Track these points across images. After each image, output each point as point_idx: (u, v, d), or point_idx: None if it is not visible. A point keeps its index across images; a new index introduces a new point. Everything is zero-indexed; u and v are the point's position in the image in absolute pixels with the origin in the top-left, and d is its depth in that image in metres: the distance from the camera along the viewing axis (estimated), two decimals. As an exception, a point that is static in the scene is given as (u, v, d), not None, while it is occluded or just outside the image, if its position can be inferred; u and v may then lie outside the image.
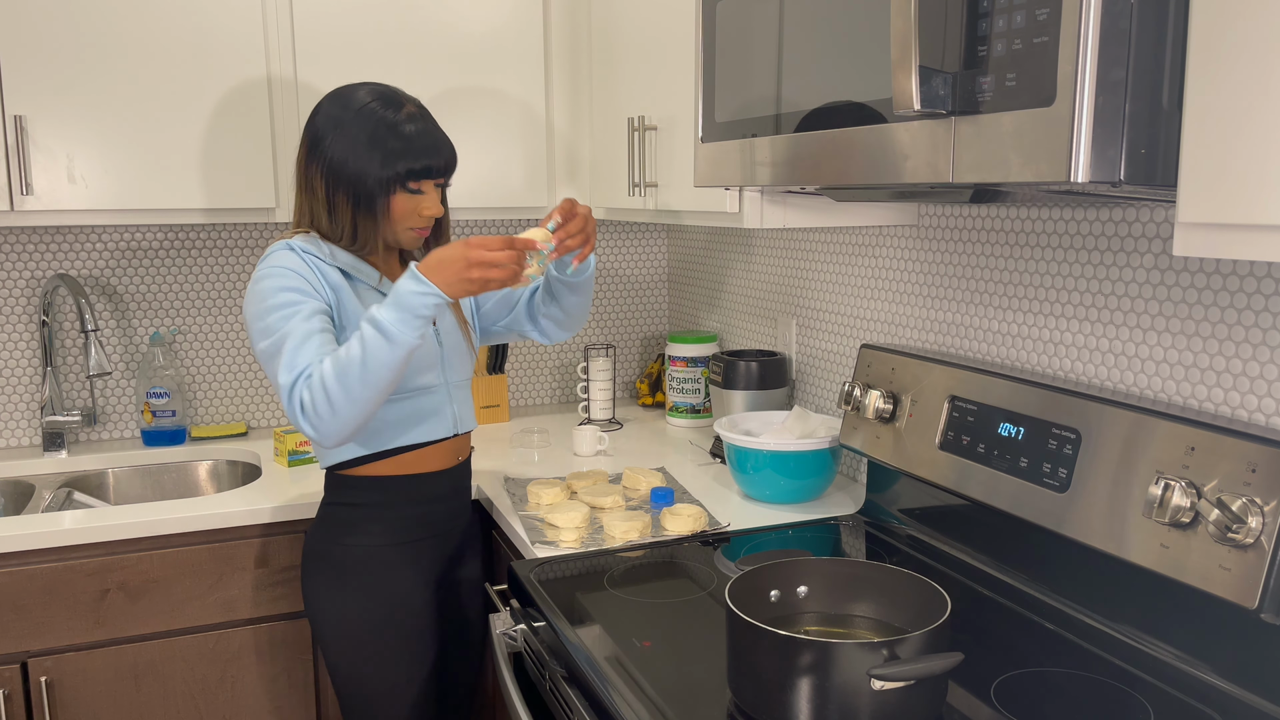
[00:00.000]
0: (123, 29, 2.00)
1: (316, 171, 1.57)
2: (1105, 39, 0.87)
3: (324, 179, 1.57)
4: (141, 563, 1.85)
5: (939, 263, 1.76)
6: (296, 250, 1.55)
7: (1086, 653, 1.27)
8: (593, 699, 1.21)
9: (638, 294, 2.85)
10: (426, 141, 1.56)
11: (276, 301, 1.49)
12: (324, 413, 1.42)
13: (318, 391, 1.42)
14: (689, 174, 1.85)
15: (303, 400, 1.43)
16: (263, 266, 1.53)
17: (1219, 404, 1.27)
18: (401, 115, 1.56)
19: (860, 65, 1.15)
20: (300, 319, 1.48)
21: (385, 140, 1.54)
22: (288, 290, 1.50)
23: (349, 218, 1.57)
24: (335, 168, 1.55)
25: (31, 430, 2.36)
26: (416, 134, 1.56)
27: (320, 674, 2.02)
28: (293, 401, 1.44)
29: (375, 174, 1.54)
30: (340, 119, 1.56)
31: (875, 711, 1.04)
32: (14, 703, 1.80)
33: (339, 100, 1.59)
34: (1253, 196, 0.82)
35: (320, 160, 1.56)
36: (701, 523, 1.71)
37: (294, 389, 1.44)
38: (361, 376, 1.41)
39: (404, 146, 1.54)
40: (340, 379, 1.41)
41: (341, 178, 1.55)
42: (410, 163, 1.55)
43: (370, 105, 1.56)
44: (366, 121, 1.54)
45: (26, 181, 1.97)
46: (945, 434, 1.54)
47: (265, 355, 1.49)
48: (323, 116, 1.58)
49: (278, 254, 1.55)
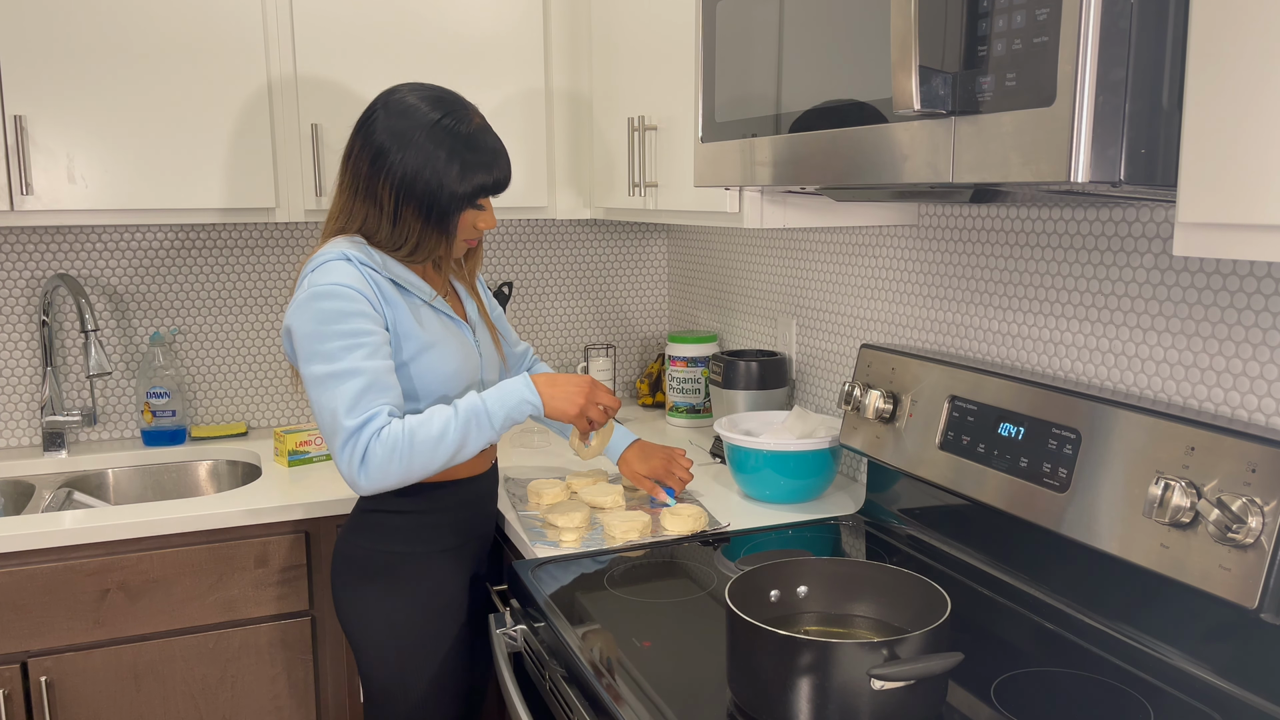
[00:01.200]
0: (123, 29, 2.00)
1: (384, 184, 1.53)
2: (1105, 39, 0.87)
3: (393, 192, 1.53)
4: (141, 563, 1.85)
5: (939, 263, 1.76)
6: (354, 263, 1.50)
7: (1086, 653, 1.27)
8: (593, 699, 1.21)
9: (638, 294, 2.85)
10: (498, 158, 1.58)
11: (342, 329, 1.45)
12: (384, 471, 1.44)
13: (388, 450, 1.43)
14: (689, 174, 1.85)
15: (368, 451, 1.43)
16: (322, 281, 1.47)
17: (1219, 404, 1.27)
18: (474, 129, 1.56)
19: (860, 65, 1.15)
20: (365, 354, 1.46)
21: (462, 156, 1.53)
22: (355, 317, 1.46)
23: (416, 230, 1.55)
24: (408, 181, 1.52)
25: (31, 430, 2.36)
26: (490, 150, 1.56)
27: (321, 674, 2.02)
28: (353, 448, 1.43)
29: (451, 189, 1.53)
30: (408, 132, 1.52)
31: (875, 711, 1.04)
32: (14, 703, 1.80)
33: (402, 109, 1.54)
34: (1253, 196, 0.82)
35: (387, 172, 1.52)
36: (701, 523, 1.71)
37: (359, 435, 1.43)
38: (438, 452, 1.46)
39: (479, 162, 1.55)
40: (417, 448, 1.45)
41: (414, 192, 1.52)
42: (484, 179, 1.56)
43: (443, 121, 1.53)
44: (442, 137, 1.52)
45: (26, 181, 1.97)
46: (945, 434, 1.54)
47: (319, 381, 1.45)
48: (387, 126, 1.53)
49: (336, 268, 1.49)
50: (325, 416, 1.45)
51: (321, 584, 1.99)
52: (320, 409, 1.46)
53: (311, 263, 1.53)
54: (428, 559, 1.63)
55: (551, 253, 2.75)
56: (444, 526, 1.64)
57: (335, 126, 2.16)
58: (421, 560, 1.63)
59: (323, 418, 1.46)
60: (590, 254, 2.79)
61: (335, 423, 1.44)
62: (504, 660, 1.46)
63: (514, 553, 1.81)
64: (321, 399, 1.45)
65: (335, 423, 1.44)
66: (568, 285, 2.78)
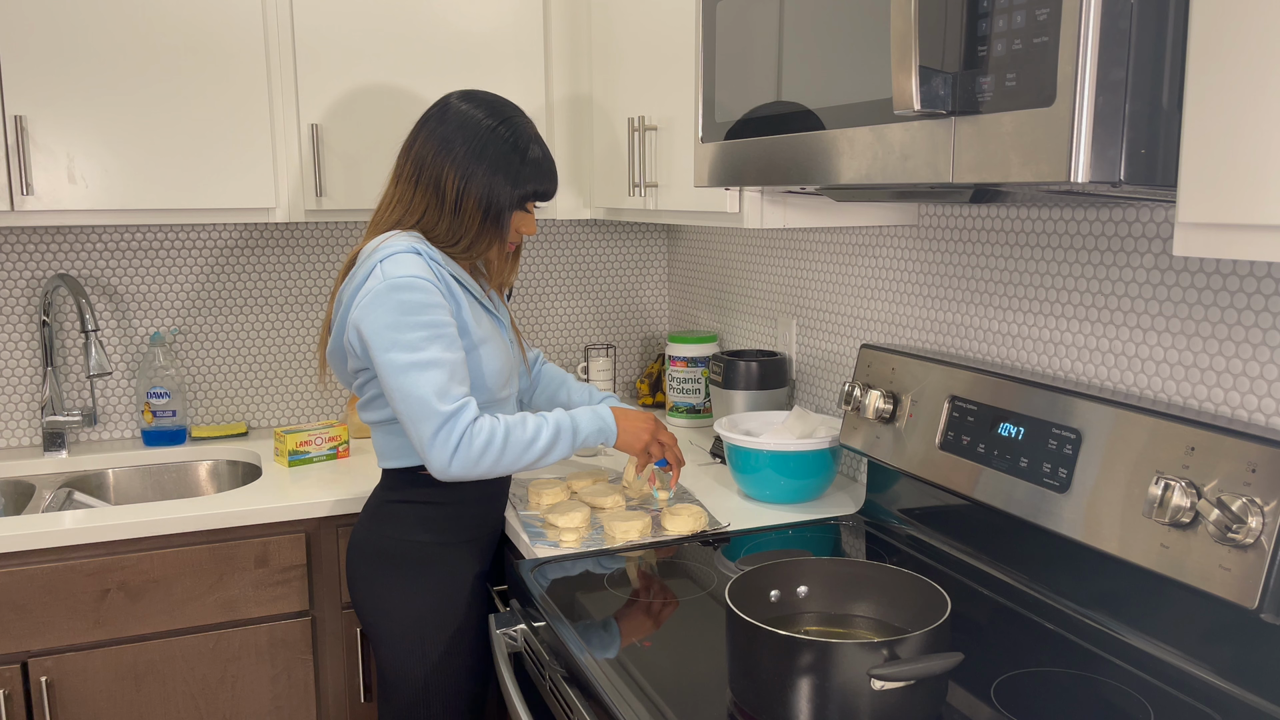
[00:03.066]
0: (123, 29, 2.00)
1: (448, 173, 1.60)
2: (1105, 39, 0.87)
3: (458, 181, 1.59)
4: (141, 563, 1.85)
5: (939, 263, 1.76)
6: (424, 257, 1.56)
7: (1086, 653, 1.27)
8: (593, 699, 1.21)
9: (638, 294, 2.85)
10: (551, 167, 1.67)
11: (423, 320, 1.50)
12: (475, 461, 1.51)
13: (484, 442, 1.50)
14: (689, 174, 1.85)
15: (463, 438, 1.49)
16: (398, 273, 1.52)
17: (1219, 404, 1.27)
18: (532, 137, 1.64)
19: (860, 65, 1.15)
20: (445, 345, 1.51)
21: (523, 157, 1.61)
22: (433, 308, 1.52)
23: (475, 225, 1.61)
24: (473, 172, 1.59)
25: (32, 430, 2.36)
26: (544, 158, 1.66)
27: (321, 674, 2.02)
28: (448, 434, 1.49)
29: (509, 188, 1.61)
30: (475, 129, 1.60)
31: (875, 711, 1.04)
32: (14, 703, 1.80)
33: (466, 109, 1.62)
34: (1253, 196, 0.82)
35: (454, 161, 1.59)
36: (702, 522, 1.71)
37: (454, 421, 1.49)
38: (525, 455, 1.56)
39: (536, 166, 1.64)
40: (510, 447, 1.53)
41: (477, 182, 1.59)
42: (538, 184, 1.64)
43: (508, 123, 1.62)
44: (506, 137, 1.61)
45: (26, 181, 1.97)
46: (945, 434, 1.54)
47: (402, 369, 1.49)
48: (454, 120, 1.61)
49: (410, 261, 1.54)
50: (413, 403, 1.49)
51: (322, 584, 1.99)
52: (406, 395, 1.49)
53: (379, 253, 1.56)
54: (446, 549, 1.66)
55: (551, 253, 2.75)
56: (464, 518, 1.68)
57: (335, 126, 2.16)
58: (441, 549, 1.66)
59: (409, 404, 1.49)
60: (590, 254, 2.79)
61: (428, 408, 1.48)
62: (504, 660, 1.46)
63: (514, 553, 1.81)
64: (408, 387, 1.49)
65: (428, 408, 1.48)
66: (568, 285, 2.78)
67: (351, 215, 2.24)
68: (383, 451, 1.67)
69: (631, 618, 1.38)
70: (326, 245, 2.53)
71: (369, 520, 1.68)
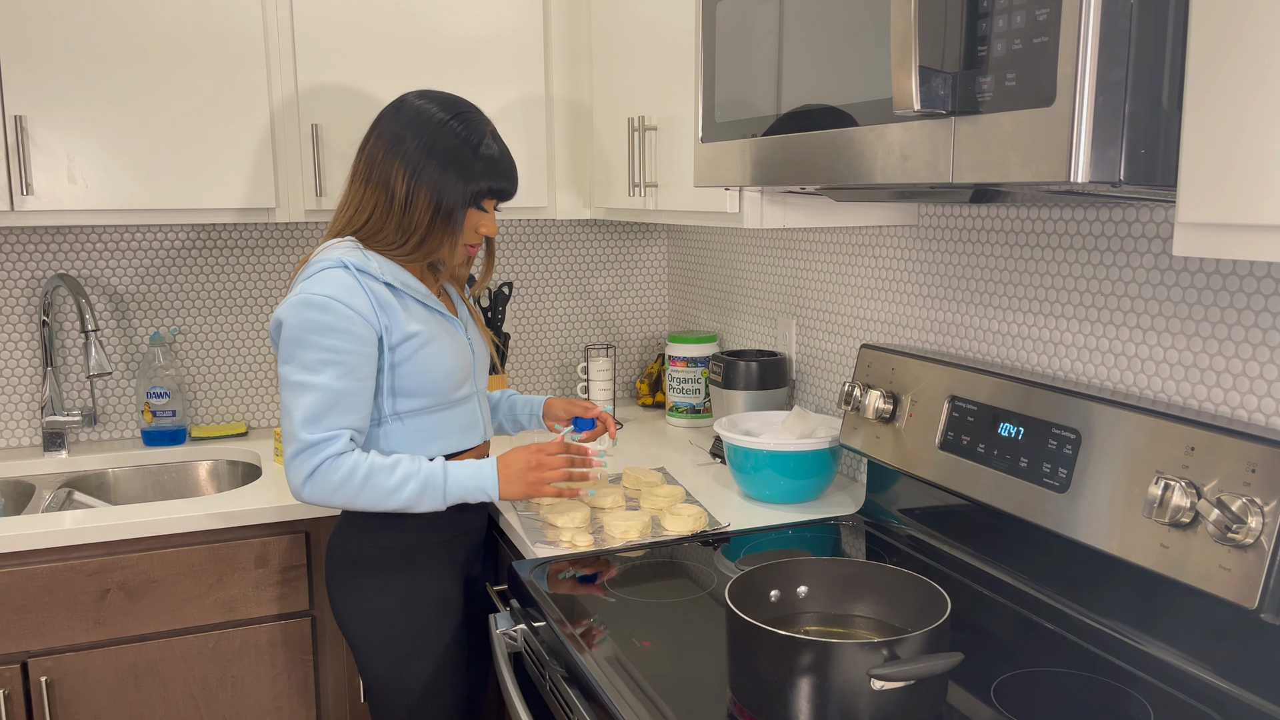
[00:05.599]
0: (123, 29, 2.00)
1: (397, 168, 1.57)
2: (1105, 39, 0.87)
3: (406, 177, 1.57)
4: (141, 563, 1.85)
5: (939, 263, 1.76)
6: (351, 271, 1.53)
7: (1086, 653, 1.27)
8: (593, 699, 1.21)
9: (638, 294, 2.85)
10: (508, 165, 1.63)
11: (324, 343, 1.49)
12: (327, 495, 1.51)
13: (341, 478, 1.50)
14: (689, 174, 1.85)
15: (319, 469, 1.50)
16: (315, 290, 1.50)
17: (1219, 404, 1.27)
18: (487, 133, 1.61)
19: (860, 65, 1.15)
20: (340, 373, 1.50)
21: (475, 152, 1.58)
22: (338, 333, 1.50)
23: (425, 223, 1.58)
24: (421, 167, 1.56)
25: (32, 430, 2.36)
26: (500, 155, 1.62)
27: (321, 674, 2.02)
28: (304, 461, 1.49)
29: (461, 184, 1.58)
30: (426, 124, 1.57)
31: (875, 711, 1.04)
32: (14, 703, 1.80)
33: (419, 106, 1.60)
34: (1253, 196, 0.82)
35: (403, 156, 1.57)
36: (701, 523, 1.71)
37: (313, 451, 1.49)
38: (385, 502, 1.53)
39: (490, 162, 1.60)
40: (367, 489, 1.51)
41: (424, 180, 1.56)
42: (492, 181, 1.61)
43: (460, 118, 1.59)
44: (457, 132, 1.58)
45: (26, 181, 1.97)
46: (945, 434, 1.54)
47: (289, 385, 1.51)
48: (405, 118, 1.59)
49: (332, 278, 1.52)
50: (286, 420, 1.52)
51: (321, 584, 1.99)
52: (285, 411, 1.52)
53: (309, 267, 1.56)
54: (418, 552, 1.64)
55: (551, 253, 2.75)
56: (434, 519, 1.65)
57: (335, 126, 2.16)
58: (412, 553, 1.64)
59: (284, 420, 1.52)
60: (590, 254, 2.79)
61: (294, 431, 1.50)
62: (504, 660, 1.46)
63: (514, 553, 1.81)
64: (288, 403, 1.52)
65: (294, 431, 1.50)
66: (568, 285, 2.78)
67: (351, 215, 2.23)
68: None
69: (631, 618, 1.38)
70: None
71: (338, 529, 1.68)
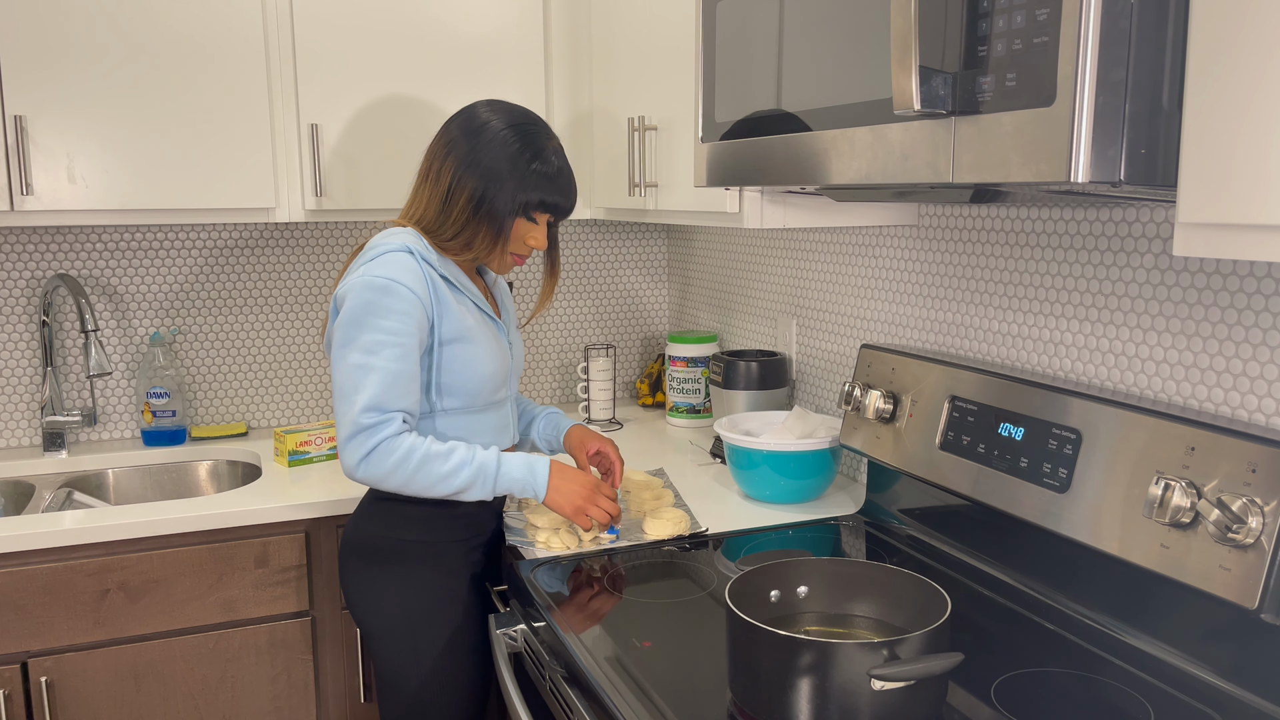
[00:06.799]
0: (123, 29, 2.00)
1: (447, 165, 1.59)
2: (1105, 39, 0.87)
3: (454, 174, 1.58)
4: (141, 563, 1.85)
5: (939, 263, 1.76)
6: (415, 256, 1.56)
7: (1086, 653, 1.27)
8: (593, 699, 1.21)
9: (638, 294, 2.85)
10: (564, 181, 1.63)
11: (385, 324, 1.50)
12: (382, 476, 1.51)
13: (397, 460, 1.50)
14: (689, 174, 1.85)
15: (375, 450, 1.50)
16: (379, 273, 1.52)
17: (1219, 404, 1.27)
18: (547, 147, 1.61)
19: (860, 65, 1.15)
20: (398, 355, 1.51)
21: (530, 163, 1.58)
22: (400, 315, 1.51)
23: (465, 218, 1.59)
24: (469, 166, 1.57)
25: (32, 430, 2.36)
26: (557, 171, 1.62)
27: (321, 674, 2.02)
28: (362, 442, 1.49)
29: (508, 192, 1.58)
30: (483, 130, 1.59)
31: (875, 711, 1.04)
32: (14, 703, 1.80)
33: (487, 114, 1.61)
34: (1253, 196, 0.82)
35: (454, 155, 1.59)
36: (683, 526, 1.70)
37: (372, 432, 1.49)
38: (437, 488, 1.53)
39: (546, 175, 1.60)
40: (421, 474, 1.51)
41: (469, 179, 1.57)
42: (545, 195, 1.61)
43: (516, 128, 1.60)
44: (516, 138, 1.59)
45: (26, 181, 1.97)
46: (945, 434, 1.54)
47: (349, 367, 1.51)
48: (469, 124, 1.60)
49: (395, 261, 1.54)
50: (343, 401, 1.51)
51: (321, 584, 1.99)
52: (342, 390, 1.51)
53: (370, 250, 1.58)
54: (438, 548, 1.66)
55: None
56: (458, 519, 1.67)
57: (335, 126, 2.16)
58: (432, 549, 1.65)
59: (341, 401, 1.52)
60: (590, 254, 2.79)
61: (352, 412, 1.50)
62: (504, 660, 1.46)
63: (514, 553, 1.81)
64: (345, 384, 1.51)
65: (352, 412, 1.50)
66: (568, 285, 2.78)
67: (351, 215, 2.24)
68: None
69: (631, 618, 1.38)
70: (326, 245, 2.53)
71: (360, 518, 1.69)
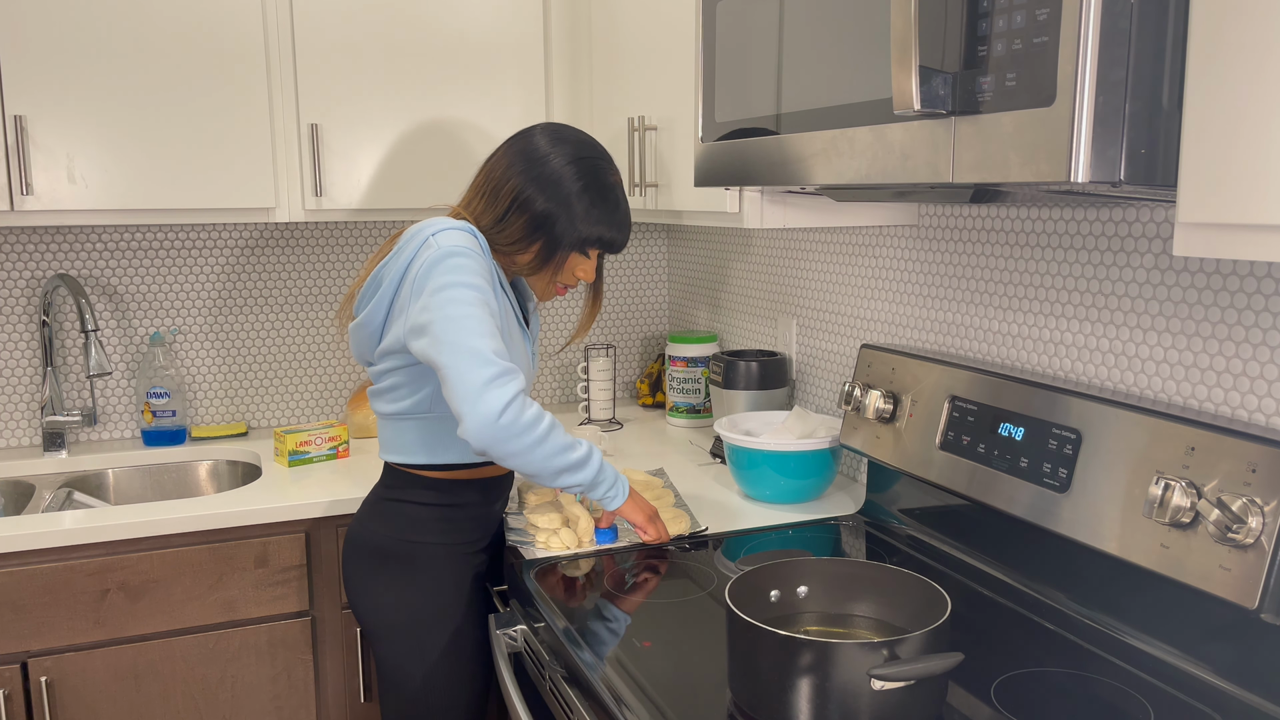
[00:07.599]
0: (123, 29, 2.00)
1: (508, 189, 1.58)
2: (1105, 39, 0.87)
3: (513, 198, 1.57)
4: (141, 563, 1.85)
5: (939, 263, 1.76)
6: (477, 237, 1.55)
7: (1086, 653, 1.27)
8: (593, 699, 1.21)
9: (638, 294, 2.85)
10: (625, 218, 1.63)
11: (477, 283, 1.47)
12: (521, 427, 1.41)
13: (531, 414, 1.42)
14: (689, 174, 1.85)
15: (515, 399, 1.41)
16: (450, 243, 1.50)
17: (1219, 404, 1.27)
18: (612, 182, 1.61)
19: (860, 65, 1.15)
20: (492, 312, 1.48)
21: (592, 198, 1.58)
22: (484, 276, 1.49)
23: (517, 238, 1.59)
24: (530, 199, 1.57)
25: (31, 430, 2.36)
26: (621, 209, 1.62)
27: (321, 674, 2.02)
28: (503, 385, 1.40)
29: (570, 227, 1.58)
30: (553, 160, 1.58)
31: (875, 711, 1.04)
32: (14, 703, 1.80)
33: (553, 139, 1.60)
34: (1253, 196, 0.82)
35: (516, 182, 1.58)
36: (683, 525, 1.70)
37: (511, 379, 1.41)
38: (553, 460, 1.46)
39: (608, 212, 1.60)
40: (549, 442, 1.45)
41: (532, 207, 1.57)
42: (605, 231, 1.61)
43: (590, 160, 1.59)
44: (580, 175, 1.58)
45: (26, 181, 1.97)
46: (945, 434, 1.54)
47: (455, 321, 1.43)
48: (534, 146, 1.59)
49: (461, 233, 1.52)
50: (462, 355, 1.41)
51: (321, 584, 1.99)
52: (456, 347, 1.41)
53: (429, 228, 1.54)
54: (442, 549, 1.66)
55: (551, 253, 2.75)
56: (463, 521, 1.67)
57: (335, 126, 2.16)
58: (437, 549, 1.65)
59: (457, 356, 1.41)
60: (590, 254, 2.79)
61: (482, 356, 1.40)
62: (504, 660, 1.46)
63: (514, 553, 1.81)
64: (461, 339, 1.41)
65: (482, 356, 1.40)
66: (568, 285, 2.78)
67: (351, 215, 2.24)
68: (388, 444, 1.66)
69: (631, 618, 1.38)
70: (326, 245, 2.53)
71: (365, 518, 1.68)
